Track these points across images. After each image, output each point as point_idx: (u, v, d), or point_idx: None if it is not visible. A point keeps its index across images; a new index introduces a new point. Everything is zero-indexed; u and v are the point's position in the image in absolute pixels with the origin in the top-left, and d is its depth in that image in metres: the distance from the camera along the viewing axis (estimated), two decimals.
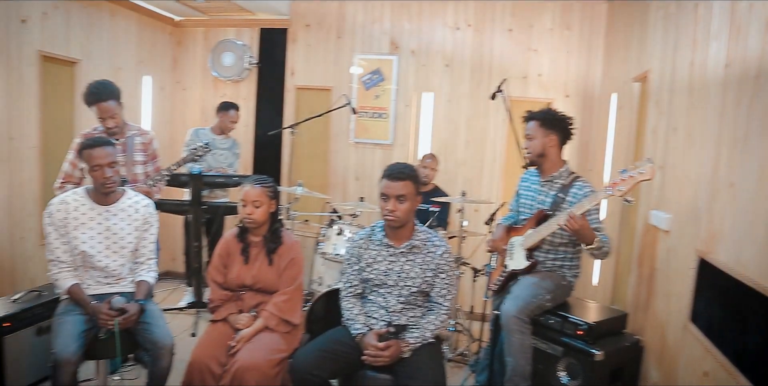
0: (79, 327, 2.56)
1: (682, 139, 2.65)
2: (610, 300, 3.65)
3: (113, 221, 2.78)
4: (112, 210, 2.79)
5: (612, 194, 2.53)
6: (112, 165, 2.69)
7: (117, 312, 2.56)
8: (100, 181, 2.68)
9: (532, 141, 2.99)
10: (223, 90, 5.63)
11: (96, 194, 2.77)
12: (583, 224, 2.61)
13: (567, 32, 4.80)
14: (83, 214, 2.73)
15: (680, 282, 2.47)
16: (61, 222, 2.69)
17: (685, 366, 2.32)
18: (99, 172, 2.66)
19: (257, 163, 5.61)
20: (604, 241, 2.71)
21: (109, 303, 2.57)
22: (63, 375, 2.40)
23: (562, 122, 2.99)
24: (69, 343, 2.45)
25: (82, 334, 2.54)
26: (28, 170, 4.00)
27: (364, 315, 2.67)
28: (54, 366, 2.40)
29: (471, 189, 4.98)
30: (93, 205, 2.76)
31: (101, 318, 2.54)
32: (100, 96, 3.31)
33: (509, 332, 2.71)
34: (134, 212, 2.84)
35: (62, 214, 2.69)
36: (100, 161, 2.65)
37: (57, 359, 2.40)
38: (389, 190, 2.54)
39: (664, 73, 2.99)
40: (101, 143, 2.70)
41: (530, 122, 3.02)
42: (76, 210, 2.72)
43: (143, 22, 5.22)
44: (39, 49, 4.03)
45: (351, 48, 5.27)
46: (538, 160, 3.01)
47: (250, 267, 2.82)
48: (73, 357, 2.42)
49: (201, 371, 2.53)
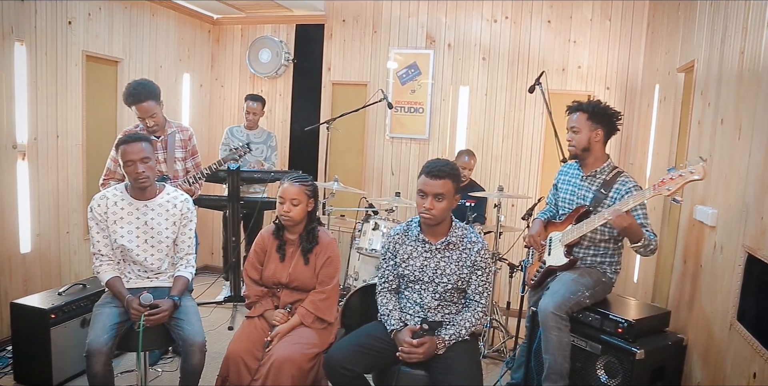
0: (114, 319, 2.63)
1: (729, 130, 2.55)
2: (651, 297, 3.55)
3: (151, 216, 2.83)
4: (149, 206, 2.84)
5: (659, 193, 2.43)
6: (145, 160, 2.73)
7: (146, 307, 2.62)
8: (132, 176, 2.73)
9: (578, 134, 2.88)
10: (260, 86, 5.70)
11: (134, 189, 2.82)
12: (631, 222, 2.54)
13: (608, 23, 4.67)
14: (122, 209, 2.79)
15: (727, 280, 2.38)
16: (102, 216, 2.76)
17: (733, 367, 2.24)
18: (132, 167, 2.71)
19: (294, 159, 5.66)
20: (651, 239, 2.63)
21: (139, 298, 2.63)
22: (95, 365, 2.49)
23: (611, 117, 2.88)
24: (101, 334, 2.53)
25: (114, 326, 2.61)
26: (73, 167, 4.13)
27: (399, 310, 2.66)
28: (87, 356, 2.49)
29: (508, 183, 4.94)
30: (131, 200, 2.82)
31: (132, 313, 2.62)
32: (139, 96, 3.38)
33: (547, 329, 2.67)
34: (172, 207, 2.89)
35: (102, 209, 2.77)
36: (132, 156, 2.70)
37: (89, 348, 2.49)
38: (427, 188, 2.50)
39: (712, 63, 2.87)
40: (136, 139, 2.74)
41: (576, 113, 2.90)
42: (115, 205, 2.79)
43: (183, 20, 5.32)
44: (84, 49, 4.15)
45: (387, 42, 5.26)
46: (582, 154, 2.92)
47: (285, 265, 2.83)
48: (103, 348, 2.50)
49: (237, 364, 2.57)
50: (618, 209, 2.55)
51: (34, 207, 3.80)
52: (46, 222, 3.91)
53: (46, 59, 3.83)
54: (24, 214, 3.73)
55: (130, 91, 3.40)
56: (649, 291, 3.59)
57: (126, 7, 4.56)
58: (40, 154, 3.83)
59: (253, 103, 4.90)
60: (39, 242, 3.86)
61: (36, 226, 3.82)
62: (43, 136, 3.85)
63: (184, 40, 5.36)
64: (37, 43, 3.75)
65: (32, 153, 3.77)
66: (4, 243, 3.60)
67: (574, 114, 2.91)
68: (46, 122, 3.87)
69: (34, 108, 3.76)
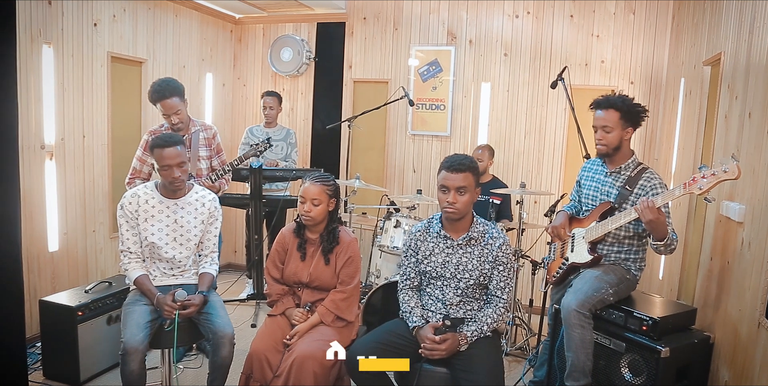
0: (146, 317, 2.67)
1: (757, 124, 2.49)
2: (677, 294, 3.49)
3: (180, 214, 2.88)
4: (179, 204, 2.89)
5: (691, 192, 2.37)
6: (181, 165, 2.77)
7: (179, 304, 2.66)
8: (168, 180, 2.78)
9: (610, 133, 2.78)
10: (282, 85, 5.73)
11: (165, 188, 2.87)
12: (660, 217, 2.48)
13: (631, 16, 4.60)
14: (153, 207, 2.84)
15: (755, 277, 2.33)
16: (132, 214, 2.81)
17: (762, 366, 2.19)
18: (168, 171, 2.75)
19: (315, 156, 5.69)
20: (674, 239, 2.58)
21: (173, 295, 2.68)
22: (131, 363, 2.52)
23: (641, 115, 2.80)
24: (136, 332, 2.57)
25: (148, 324, 2.65)
26: (99, 166, 4.21)
27: (421, 307, 2.66)
28: (123, 354, 2.53)
29: (531, 180, 4.89)
30: (162, 199, 2.86)
31: (165, 310, 2.65)
32: (164, 93, 3.44)
33: (569, 326, 2.64)
34: (201, 206, 2.93)
35: (134, 207, 2.81)
36: (169, 161, 2.73)
37: (126, 347, 2.52)
38: (449, 182, 2.50)
39: (739, 56, 2.81)
40: (172, 143, 2.75)
41: (608, 111, 2.78)
42: (146, 203, 2.84)
43: (205, 21, 5.37)
44: (109, 50, 4.22)
45: (408, 40, 5.24)
46: (614, 152, 2.84)
47: (306, 264, 2.84)
48: (140, 346, 2.54)
49: (260, 362, 2.59)
50: (651, 200, 2.48)
51: (62, 206, 3.88)
52: (73, 221, 3.99)
53: (72, 61, 3.91)
54: (52, 213, 3.81)
55: (155, 89, 3.46)
56: (675, 289, 3.53)
57: (150, 8, 4.62)
58: (67, 154, 3.91)
59: (268, 98, 4.92)
60: (66, 241, 3.94)
61: (63, 225, 3.90)
62: (70, 136, 3.93)
63: (206, 40, 5.42)
64: (64, 45, 3.83)
65: (59, 153, 3.84)
66: (33, 242, 3.68)
67: (606, 111, 2.79)
68: (72, 123, 3.94)
69: (61, 109, 3.83)
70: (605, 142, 2.81)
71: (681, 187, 2.41)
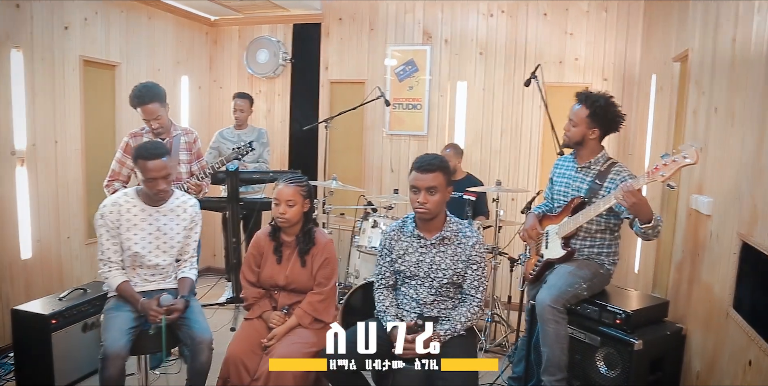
0: (129, 323, 2.64)
1: (723, 119, 2.53)
2: (651, 287, 3.53)
3: (163, 221, 2.85)
4: (161, 211, 2.86)
5: (654, 179, 2.41)
6: (167, 177, 2.74)
7: (165, 309, 2.64)
8: (153, 191, 2.75)
9: (575, 128, 2.85)
10: (259, 87, 5.71)
11: (145, 195, 2.83)
12: (642, 198, 2.48)
13: (604, 14, 4.65)
14: (135, 216, 2.80)
15: (723, 268, 2.37)
16: (114, 223, 2.76)
17: (729, 355, 2.22)
18: (153, 183, 2.72)
19: (293, 158, 5.67)
20: (659, 220, 2.56)
21: (158, 300, 2.65)
22: (111, 368, 2.49)
23: (611, 120, 2.83)
24: (119, 338, 2.54)
25: (130, 330, 2.62)
26: (73, 172, 4.15)
27: (396, 307, 2.67)
28: (103, 359, 2.49)
29: (508, 178, 4.92)
30: (144, 206, 2.83)
31: (151, 315, 2.63)
32: (144, 98, 3.41)
33: (544, 322, 2.66)
34: (182, 212, 2.91)
35: (115, 216, 2.76)
36: (155, 174, 2.69)
37: (106, 352, 2.49)
38: (419, 182, 2.51)
39: (705, 52, 2.85)
40: (158, 154, 2.71)
41: (579, 106, 2.84)
42: (128, 211, 2.79)
43: (180, 23, 5.33)
44: (80, 53, 4.17)
45: (384, 40, 5.25)
46: (575, 146, 2.93)
47: (282, 267, 2.82)
48: (122, 351, 2.52)
49: (237, 366, 2.57)
50: (629, 184, 2.49)
51: (34, 213, 3.82)
52: (46, 228, 3.93)
53: (43, 65, 3.85)
54: (24, 221, 3.75)
55: (135, 93, 3.43)
56: (650, 282, 3.57)
57: (122, 10, 4.57)
58: (39, 159, 3.85)
59: (239, 101, 4.87)
60: (40, 248, 3.88)
61: (36, 232, 3.84)
62: (42, 141, 3.87)
63: (181, 43, 5.38)
64: (34, 49, 3.77)
65: (31, 159, 3.78)
66: (5, 250, 3.62)
67: (577, 105, 2.86)
68: (44, 128, 3.89)
69: (31, 114, 3.77)
70: (568, 134, 2.91)
71: (645, 176, 2.45)
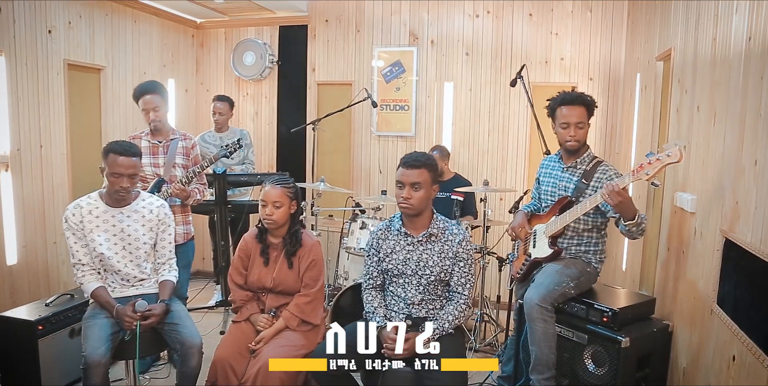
0: (107, 330, 2.61)
1: (705, 117, 2.56)
2: (638, 285, 3.56)
3: (127, 223, 2.81)
4: (125, 213, 2.82)
5: (639, 178, 2.43)
6: (132, 176, 2.71)
7: (139, 315, 2.61)
8: (115, 187, 2.71)
9: (583, 129, 2.84)
10: (246, 89, 5.70)
11: (109, 197, 2.80)
12: (626, 196, 2.50)
13: (588, 14, 4.68)
14: (97, 217, 2.76)
15: (707, 265, 2.39)
16: (77, 225, 2.72)
17: (714, 351, 2.25)
18: (118, 179, 2.68)
19: (281, 160, 5.66)
20: (643, 218, 2.57)
21: (133, 306, 2.63)
22: (94, 377, 2.47)
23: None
24: (98, 346, 2.51)
25: (110, 337, 2.59)
26: (59, 176, 4.12)
27: (384, 307, 2.67)
28: (85, 369, 2.47)
29: (496, 178, 4.95)
30: (106, 208, 2.79)
31: (125, 321, 2.60)
32: (147, 89, 3.44)
33: (532, 321, 2.67)
34: (148, 213, 2.87)
35: (77, 218, 2.73)
36: (122, 170, 2.67)
37: (87, 361, 2.46)
38: (404, 178, 2.53)
39: (687, 51, 2.89)
40: (131, 153, 2.70)
41: (580, 107, 2.83)
42: (90, 213, 2.75)
43: (165, 26, 5.31)
44: (65, 57, 4.15)
45: (370, 41, 5.26)
46: (582, 147, 2.90)
47: (269, 269, 2.82)
48: (102, 359, 2.48)
49: (224, 369, 2.56)
50: (614, 184, 2.49)
51: (20, 218, 3.79)
52: (32, 234, 3.90)
53: (26, 69, 3.82)
54: (9, 226, 3.72)
55: (139, 86, 3.47)
56: (637, 280, 3.60)
57: (107, 13, 4.55)
58: (24, 164, 3.82)
59: (219, 104, 4.85)
60: (26, 253, 3.85)
61: (22, 237, 3.81)
62: (26, 146, 3.84)
63: (167, 46, 5.36)
64: (17, 53, 3.74)
65: (15, 164, 3.75)
66: None
67: (578, 107, 2.84)
68: (28, 133, 3.86)
69: (15, 119, 3.74)
70: (578, 138, 2.85)
71: (630, 175, 2.46)
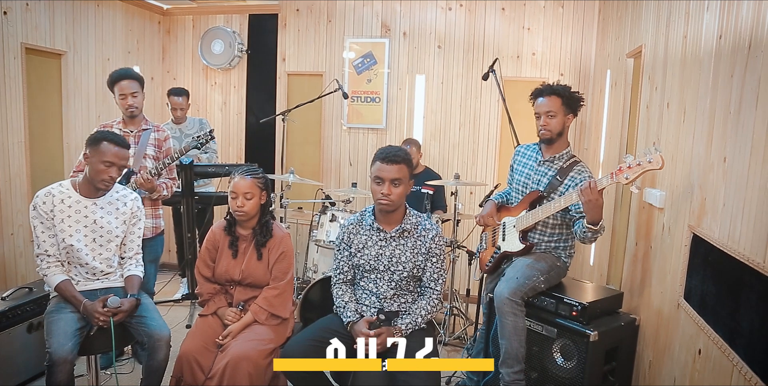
0: (74, 325, 2.51)
1: (674, 114, 2.59)
2: (606, 279, 3.61)
3: (100, 214, 2.71)
4: (99, 204, 2.72)
5: (618, 181, 2.43)
6: (122, 168, 2.67)
7: (111, 311, 2.53)
8: (103, 177, 2.61)
9: (554, 119, 2.82)
10: (214, 78, 5.57)
11: (84, 186, 2.69)
12: (600, 199, 2.49)
13: (560, 10, 4.71)
14: (69, 207, 2.66)
15: (675, 260, 2.43)
16: (47, 214, 2.61)
17: (680, 344, 2.28)
18: (109, 168, 2.60)
19: (250, 151, 5.57)
20: (602, 228, 2.61)
21: (104, 302, 2.53)
22: (59, 374, 2.37)
23: (579, 103, 2.87)
24: (64, 342, 2.41)
25: (76, 332, 2.50)
26: (16, 165, 3.96)
27: (355, 302, 2.64)
28: (50, 365, 2.37)
29: (466, 171, 4.95)
30: (79, 198, 2.68)
31: (98, 319, 2.50)
32: (123, 74, 3.34)
33: (502, 314, 2.68)
34: (122, 206, 2.79)
35: (48, 207, 2.62)
36: (115, 160, 2.61)
37: (53, 358, 2.36)
38: (384, 174, 2.49)
39: (658, 48, 2.91)
40: (125, 145, 2.67)
41: (551, 98, 2.83)
42: (62, 202, 2.65)
43: (131, 11, 5.15)
44: (23, 41, 3.97)
45: (342, 32, 5.19)
46: (557, 138, 2.87)
47: (238, 261, 2.77)
48: (69, 356, 2.39)
49: (190, 364, 2.50)
50: (595, 182, 2.49)
51: None
52: None
53: None
54: None
55: (113, 72, 3.36)
56: (605, 274, 3.65)
57: None
58: None
59: (178, 98, 4.67)
60: None
61: None
62: None
63: (132, 32, 5.19)
64: None
65: None
66: None
67: (549, 98, 2.83)
68: None
69: None
70: (549, 128, 2.84)
71: (608, 177, 2.46)
